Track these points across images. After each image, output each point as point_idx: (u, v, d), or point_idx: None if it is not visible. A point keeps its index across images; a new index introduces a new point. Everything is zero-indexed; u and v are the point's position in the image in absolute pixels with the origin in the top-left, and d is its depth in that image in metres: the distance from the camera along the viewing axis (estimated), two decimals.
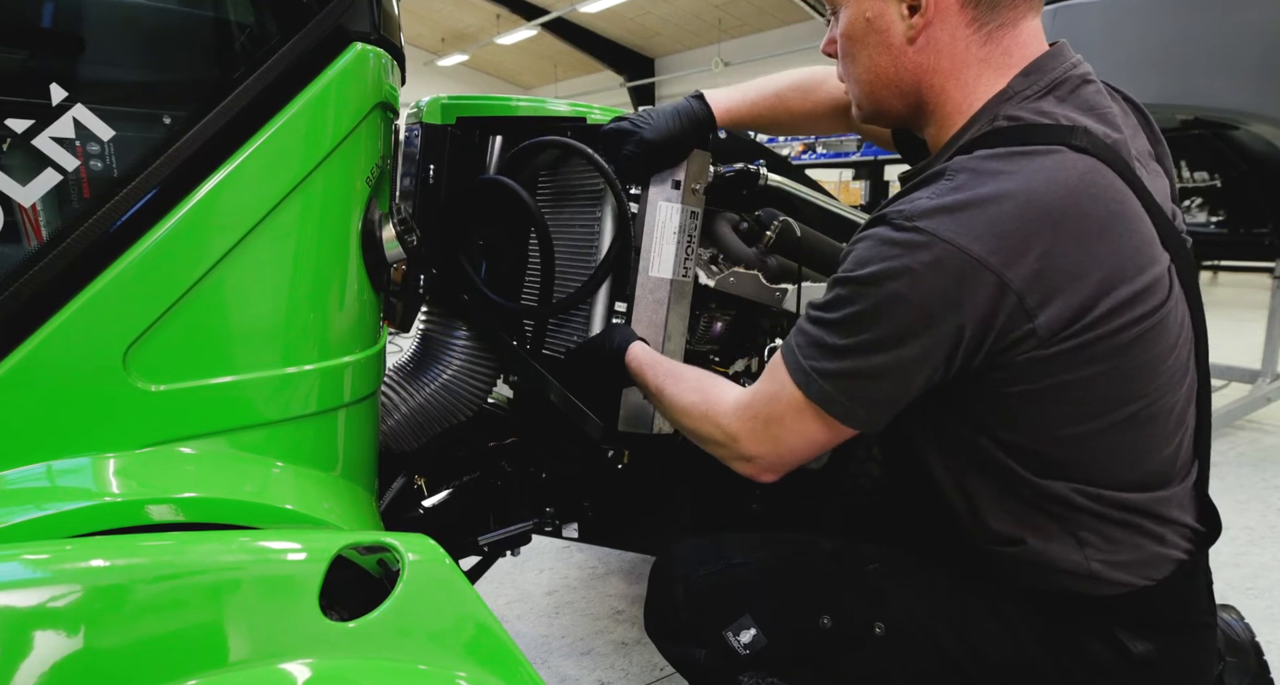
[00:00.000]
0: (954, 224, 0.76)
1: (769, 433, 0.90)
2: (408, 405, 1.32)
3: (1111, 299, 0.78)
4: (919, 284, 0.77)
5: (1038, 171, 0.78)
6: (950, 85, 0.89)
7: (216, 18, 0.85)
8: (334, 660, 0.65)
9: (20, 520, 0.69)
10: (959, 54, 0.87)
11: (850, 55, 0.94)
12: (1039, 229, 0.76)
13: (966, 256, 0.75)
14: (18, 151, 0.71)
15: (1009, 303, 0.76)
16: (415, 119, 1.31)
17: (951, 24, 0.86)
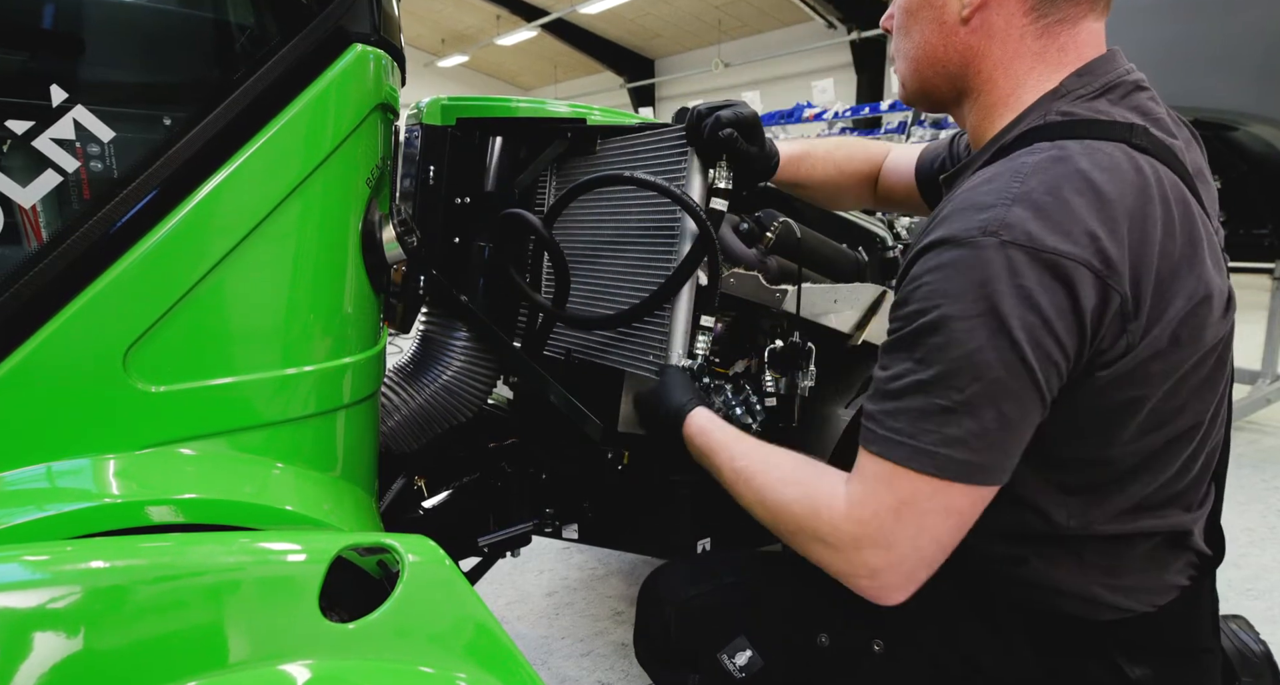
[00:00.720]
0: (1042, 225, 0.71)
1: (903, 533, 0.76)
2: (408, 406, 1.32)
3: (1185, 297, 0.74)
4: (1026, 297, 0.70)
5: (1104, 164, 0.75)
6: (999, 74, 0.87)
7: (217, 19, 0.85)
8: (334, 661, 0.65)
9: (21, 521, 0.69)
10: (1012, 43, 0.85)
11: (904, 29, 0.92)
12: (1120, 221, 0.72)
13: (1065, 259, 0.70)
14: (18, 153, 0.71)
15: (1114, 303, 0.72)
16: (415, 120, 1.31)
17: (1009, 9, 0.84)
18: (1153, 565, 0.82)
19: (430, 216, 1.27)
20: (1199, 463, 0.83)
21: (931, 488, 0.75)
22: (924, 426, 0.75)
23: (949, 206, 0.80)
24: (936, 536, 0.77)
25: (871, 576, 0.78)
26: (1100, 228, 0.72)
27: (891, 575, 0.77)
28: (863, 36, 13.26)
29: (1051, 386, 0.74)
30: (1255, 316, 3.96)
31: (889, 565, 0.77)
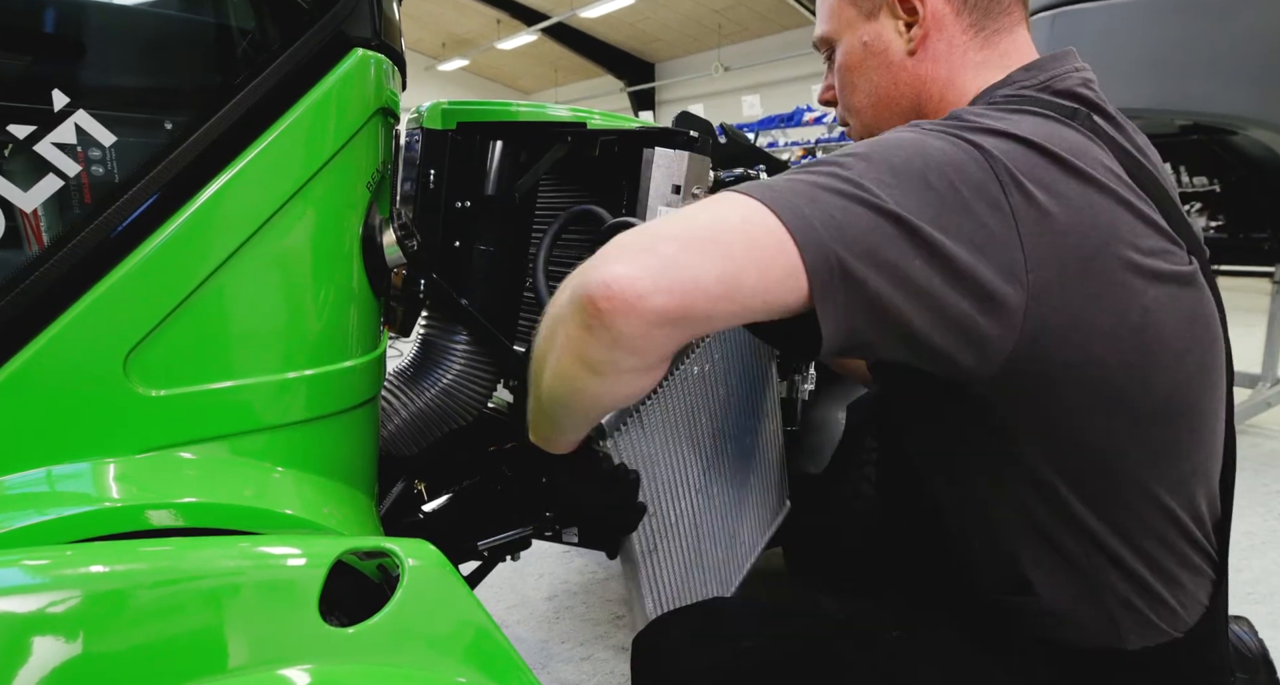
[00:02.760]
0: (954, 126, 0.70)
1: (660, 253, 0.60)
2: (408, 410, 1.32)
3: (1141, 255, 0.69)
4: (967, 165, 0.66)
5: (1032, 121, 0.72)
6: (948, 91, 0.87)
7: (218, 24, 0.86)
8: (333, 665, 0.65)
9: (20, 525, 0.69)
10: (956, 61, 0.86)
11: (850, 85, 0.94)
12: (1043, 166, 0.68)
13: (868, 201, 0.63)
14: (20, 157, 0.71)
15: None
16: (416, 124, 1.32)
17: (949, 32, 0.86)
18: (1171, 584, 0.78)
19: (430, 220, 1.27)
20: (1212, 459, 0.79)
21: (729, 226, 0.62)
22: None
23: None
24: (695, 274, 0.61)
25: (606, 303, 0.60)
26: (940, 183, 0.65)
27: (642, 285, 0.59)
28: None
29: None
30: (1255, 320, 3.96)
31: (650, 282, 0.59)
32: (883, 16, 0.89)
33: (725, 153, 1.59)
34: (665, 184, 1.23)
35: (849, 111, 0.96)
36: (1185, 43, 2.72)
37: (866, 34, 0.90)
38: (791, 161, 9.50)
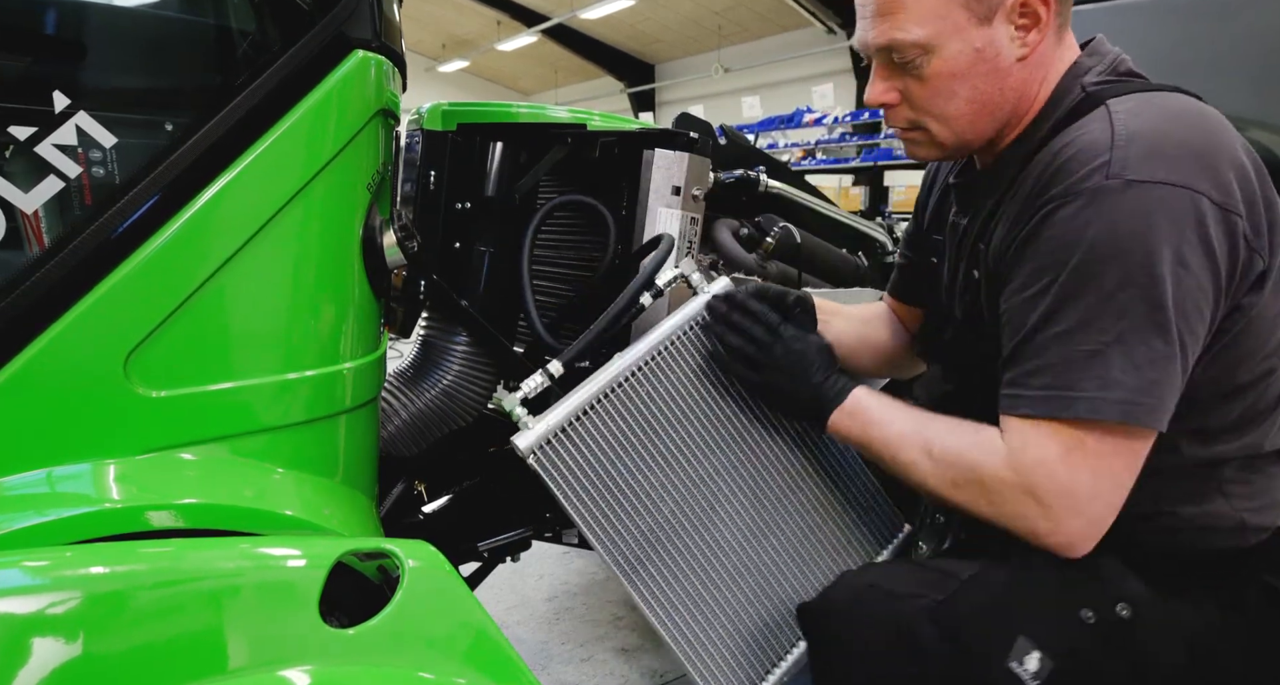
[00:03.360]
0: (1160, 163, 0.76)
1: (1081, 479, 0.79)
2: (408, 411, 1.32)
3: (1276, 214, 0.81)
4: (1169, 239, 0.75)
5: (1182, 100, 0.84)
6: (1041, 90, 0.90)
7: (218, 25, 0.86)
8: (334, 667, 0.65)
9: (21, 526, 0.69)
10: (1050, 58, 0.90)
11: (948, 93, 0.89)
12: (1227, 141, 0.80)
13: (1192, 192, 0.76)
14: (21, 158, 0.71)
15: (1240, 230, 0.78)
16: (416, 125, 1.32)
17: (1048, 33, 0.88)
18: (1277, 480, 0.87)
19: (431, 221, 1.28)
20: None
21: (1098, 432, 0.78)
22: (1076, 375, 0.78)
23: (1069, 152, 0.81)
24: (1113, 475, 0.79)
25: (1056, 535, 0.80)
26: (1210, 159, 0.77)
27: (1086, 531, 0.80)
28: None
29: (1195, 321, 0.78)
30: None
31: (1082, 521, 0.80)
32: (997, 22, 0.86)
33: (725, 154, 1.60)
34: (665, 185, 1.23)
35: (936, 118, 0.92)
36: (1185, 44, 2.72)
37: (979, 40, 0.86)
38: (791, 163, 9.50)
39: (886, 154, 8.63)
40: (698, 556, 0.97)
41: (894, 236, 1.93)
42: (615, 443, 0.95)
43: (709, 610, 0.96)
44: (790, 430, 1.04)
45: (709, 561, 0.97)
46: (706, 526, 0.98)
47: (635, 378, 0.96)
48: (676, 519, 0.96)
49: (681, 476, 0.97)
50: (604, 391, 0.94)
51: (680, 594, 0.95)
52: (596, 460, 0.93)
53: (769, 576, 1.00)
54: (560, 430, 0.92)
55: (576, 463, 0.92)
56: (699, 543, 0.97)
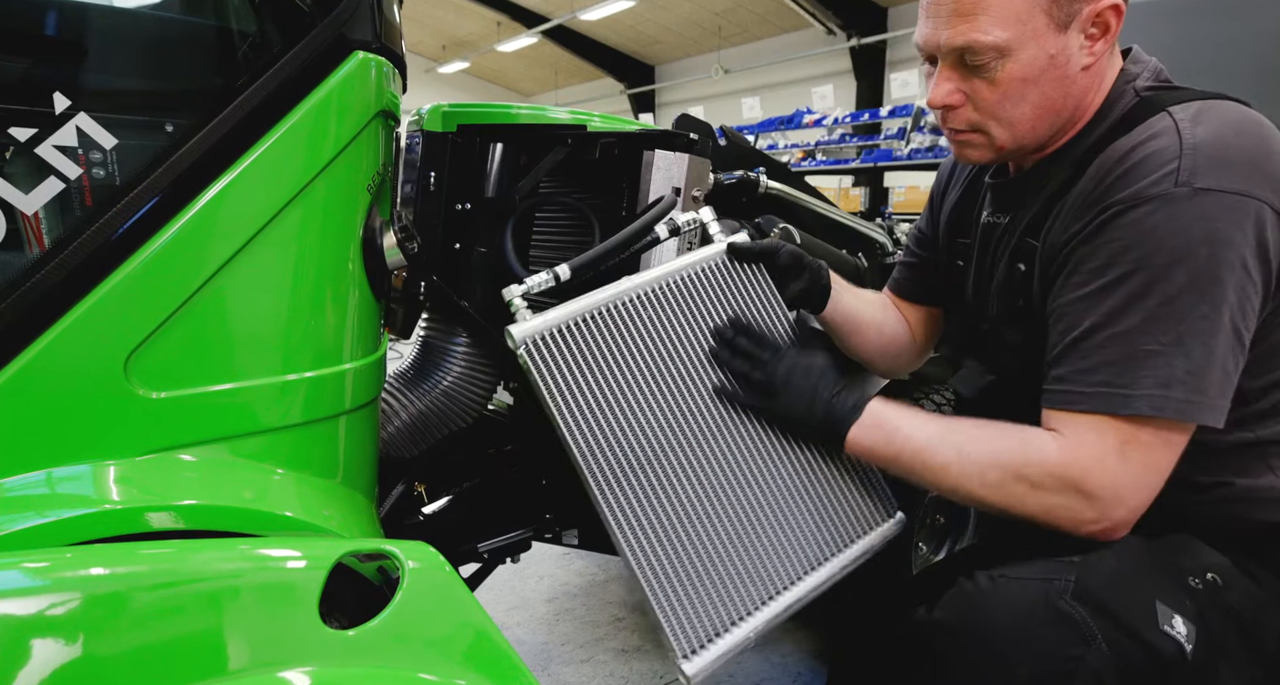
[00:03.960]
0: (1224, 172, 0.81)
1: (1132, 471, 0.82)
2: (408, 412, 1.32)
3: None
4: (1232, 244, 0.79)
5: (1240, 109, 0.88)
6: (1097, 97, 0.95)
7: (219, 27, 0.86)
8: (334, 668, 0.65)
9: (21, 527, 0.69)
10: (1106, 67, 0.95)
11: (1018, 96, 0.91)
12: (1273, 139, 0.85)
13: (1253, 199, 0.80)
14: (21, 159, 0.71)
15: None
16: (416, 126, 1.32)
17: (1110, 43, 0.93)
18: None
19: (431, 222, 1.28)
20: None
21: (1152, 427, 0.81)
22: (1136, 373, 0.81)
23: (1133, 158, 0.85)
24: (1162, 470, 0.83)
25: (1101, 521, 0.83)
26: (1269, 167, 0.82)
27: (1124, 516, 0.83)
28: (862, 43, 13.29)
29: (1249, 322, 0.82)
30: None
31: (1125, 509, 0.83)
32: (1072, 30, 0.88)
33: (725, 155, 1.60)
34: (665, 186, 1.23)
35: (1001, 122, 0.93)
36: (1184, 44, 2.72)
37: (1053, 47, 0.88)
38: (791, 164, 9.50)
39: (886, 155, 8.63)
40: (676, 489, 0.93)
41: (894, 237, 1.93)
42: (611, 357, 0.92)
43: (681, 545, 0.92)
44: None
45: (687, 497, 0.93)
46: (690, 462, 0.94)
47: (641, 300, 0.96)
48: (660, 447, 0.93)
49: (672, 407, 0.94)
50: (609, 304, 0.93)
51: (653, 523, 0.91)
52: (589, 369, 0.90)
53: (747, 527, 0.96)
54: (557, 329, 0.90)
55: (569, 366, 0.90)
56: (680, 476, 0.93)
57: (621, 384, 0.93)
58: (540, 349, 0.89)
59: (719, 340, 0.99)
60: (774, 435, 1.01)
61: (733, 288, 1.04)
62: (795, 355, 0.97)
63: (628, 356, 0.94)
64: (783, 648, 1.84)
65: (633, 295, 0.96)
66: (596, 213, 1.33)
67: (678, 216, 1.09)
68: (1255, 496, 0.89)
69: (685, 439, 0.95)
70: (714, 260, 1.03)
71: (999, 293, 1.03)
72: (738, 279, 1.05)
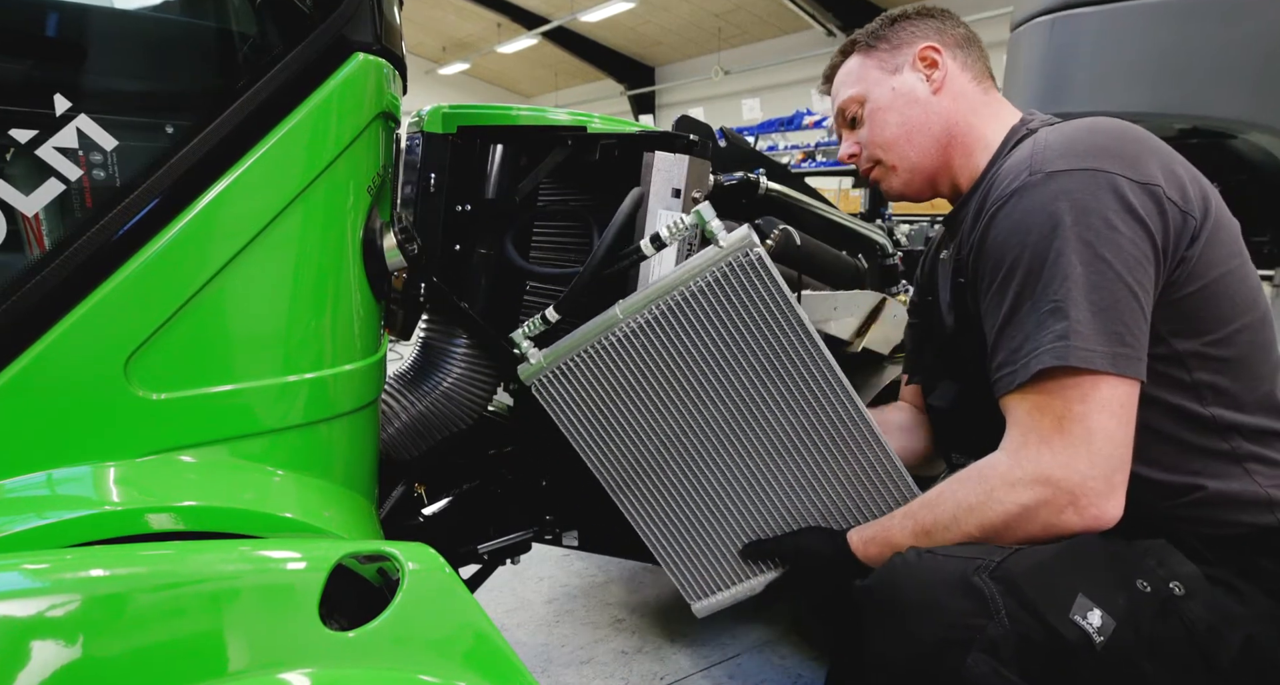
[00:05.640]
0: (1074, 158, 0.89)
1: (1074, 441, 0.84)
2: (408, 413, 1.32)
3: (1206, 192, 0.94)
4: (1090, 206, 0.86)
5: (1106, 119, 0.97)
6: (974, 118, 1.12)
7: (219, 28, 0.86)
8: (334, 670, 0.65)
9: (20, 529, 0.69)
10: (973, 102, 1.13)
11: (882, 124, 1.15)
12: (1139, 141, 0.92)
13: (1107, 172, 0.87)
14: (22, 161, 0.71)
15: (1162, 195, 0.87)
16: (417, 128, 1.32)
17: (960, 81, 1.14)
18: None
19: (431, 224, 1.28)
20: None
21: (1076, 386, 0.85)
22: (1040, 336, 0.87)
23: (993, 179, 1.00)
24: (1109, 434, 0.84)
25: (1075, 500, 0.85)
26: (1122, 154, 0.89)
27: (1093, 485, 0.84)
28: None
29: (1140, 275, 0.86)
30: None
31: (1083, 477, 0.84)
32: (905, 71, 1.14)
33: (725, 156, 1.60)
34: (665, 187, 1.23)
35: (882, 148, 1.17)
36: (1184, 46, 2.72)
37: (894, 83, 1.14)
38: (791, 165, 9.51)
39: None
40: (682, 490, 1.04)
41: (894, 238, 1.93)
42: (614, 380, 1.00)
43: (690, 533, 1.07)
44: (796, 396, 1.01)
45: (693, 495, 1.04)
46: (693, 467, 1.03)
47: (634, 325, 0.99)
48: (664, 456, 1.02)
49: (674, 421, 1.01)
50: (602, 334, 0.96)
51: (663, 516, 1.04)
52: (595, 394, 0.98)
53: (753, 517, 1.06)
54: (560, 366, 0.97)
55: (576, 394, 0.98)
56: (685, 479, 1.03)
57: (626, 401, 1.00)
58: (548, 386, 0.98)
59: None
60: (779, 437, 1.03)
61: (736, 298, 1.00)
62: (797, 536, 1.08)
63: (631, 377, 1.01)
64: (781, 649, 1.84)
65: (633, 323, 0.98)
66: (596, 214, 1.33)
67: (661, 224, 1.05)
68: (1230, 500, 0.90)
69: (690, 446, 1.02)
70: (715, 270, 0.98)
71: (949, 309, 1.15)
72: (741, 286, 1.01)
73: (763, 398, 1.01)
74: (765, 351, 0.99)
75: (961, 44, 1.15)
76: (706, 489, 1.02)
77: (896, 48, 1.15)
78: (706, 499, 1.02)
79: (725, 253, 0.97)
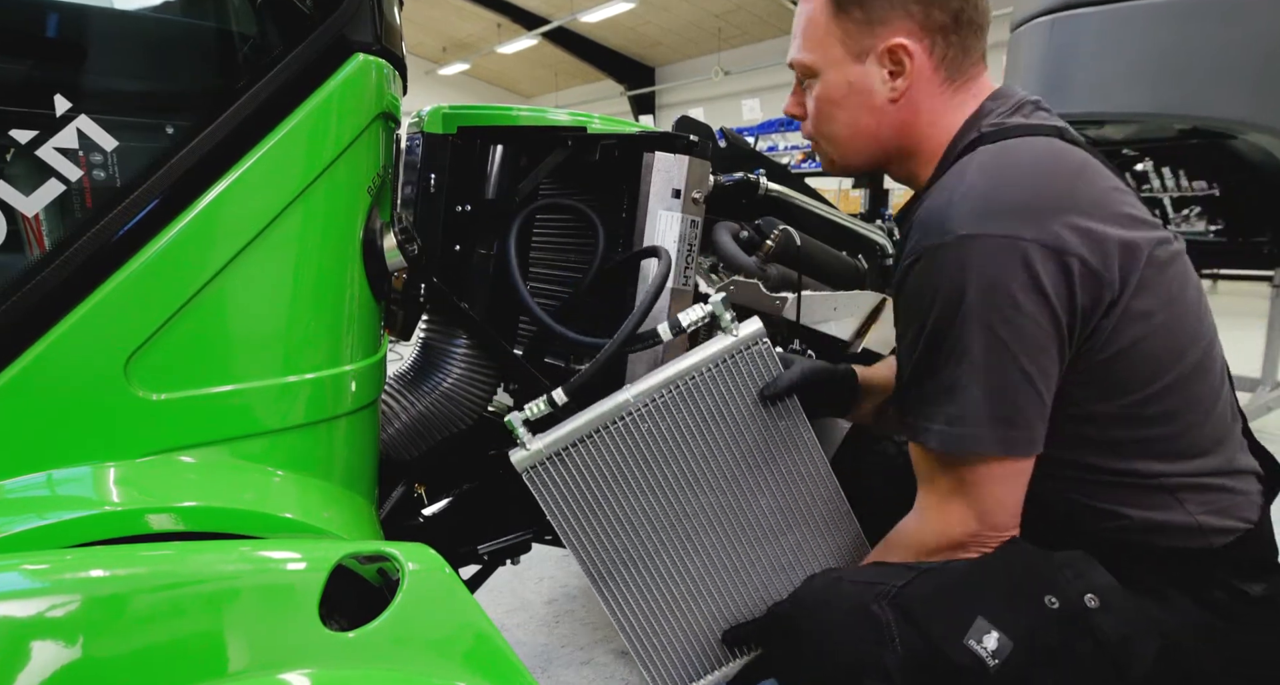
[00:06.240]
0: (988, 219, 0.83)
1: (969, 505, 0.89)
2: (408, 413, 1.32)
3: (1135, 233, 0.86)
4: (997, 282, 0.82)
5: (1034, 149, 0.89)
6: (930, 129, 0.99)
7: (220, 29, 0.86)
8: (333, 670, 0.65)
9: (20, 529, 0.69)
10: (937, 105, 0.98)
11: (828, 116, 1.02)
12: (1059, 195, 0.84)
13: (1018, 240, 0.81)
14: (22, 161, 0.72)
15: (1074, 267, 0.82)
16: (417, 128, 1.32)
17: (928, 84, 0.97)
18: (1230, 492, 0.90)
19: (431, 224, 1.28)
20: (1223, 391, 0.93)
21: (966, 463, 0.88)
22: (934, 411, 0.88)
23: (915, 222, 0.90)
24: (999, 500, 0.88)
25: (977, 545, 0.90)
26: (1036, 212, 0.83)
27: (988, 536, 0.90)
28: None
29: (1040, 358, 0.84)
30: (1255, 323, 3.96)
31: (978, 532, 0.90)
32: (869, 62, 0.97)
33: (725, 157, 1.60)
34: (665, 188, 1.23)
35: (823, 138, 1.06)
36: (1184, 47, 2.72)
37: (853, 75, 0.98)
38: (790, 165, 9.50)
39: None
40: (666, 579, 1.01)
41: (893, 239, 1.93)
42: (607, 472, 0.97)
43: (668, 624, 1.03)
44: (784, 480, 1.04)
45: (676, 584, 1.02)
46: (680, 555, 1.01)
47: (641, 413, 0.96)
48: (653, 544, 1.00)
49: (666, 509, 0.99)
50: (606, 422, 0.95)
51: (643, 606, 1.01)
52: (586, 485, 0.96)
53: (730, 604, 1.05)
54: (556, 453, 0.94)
55: (567, 485, 0.95)
56: (670, 568, 1.01)
57: (618, 493, 0.98)
58: (539, 474, 0.95)
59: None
60: (765, 521, 1.04)
61: (743, 383, 1.00)
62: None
63: (624, 468, 0.98)
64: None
65: (632, 409, 0.96)
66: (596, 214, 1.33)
67: (684, 315, 1.01)
68: (1157, 527, 0.89)
69: (677, 535, 1.01)
70: (723, 356, 0.98)
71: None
72: (749, 374, 1.00)
73: (756, 480, 1.03)
74: (762, 435, 1.01)
75: (949, 27, 0.95)
76: (692, 574, 1.01)
77: (869, 24, 0.95)
78: (690, 584, 1.02)
79: (738, 342, 0.99)
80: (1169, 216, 3.51)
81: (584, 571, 0.99)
